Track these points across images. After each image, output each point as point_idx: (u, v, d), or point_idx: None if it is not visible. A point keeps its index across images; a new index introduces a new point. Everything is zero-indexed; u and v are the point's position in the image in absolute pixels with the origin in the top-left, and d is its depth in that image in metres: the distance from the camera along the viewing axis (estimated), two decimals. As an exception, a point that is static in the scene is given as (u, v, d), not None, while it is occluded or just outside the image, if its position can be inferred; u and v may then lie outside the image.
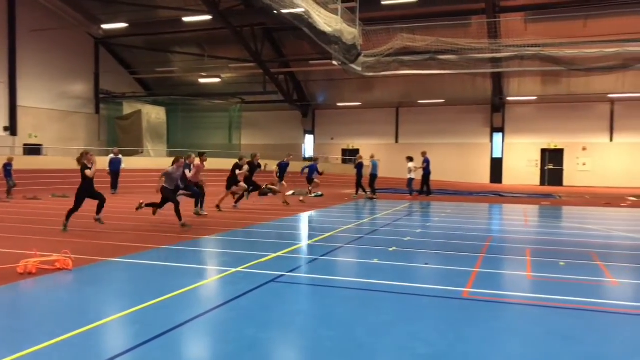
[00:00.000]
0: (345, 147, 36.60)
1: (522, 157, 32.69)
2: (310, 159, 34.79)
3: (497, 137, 33.09)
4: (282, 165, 17.03)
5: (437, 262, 7.89)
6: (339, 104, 35.44)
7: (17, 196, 18.13)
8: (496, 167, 33.14)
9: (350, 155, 33.98)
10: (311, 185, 18.60)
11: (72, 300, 5.64)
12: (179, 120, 37.36)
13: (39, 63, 29.40)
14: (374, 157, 21.43)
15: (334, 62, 19.34)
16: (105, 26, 29.17)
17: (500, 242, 10.10)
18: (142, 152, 31.76)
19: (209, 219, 12.51)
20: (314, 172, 18.22)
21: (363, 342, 4.36)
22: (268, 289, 5.99)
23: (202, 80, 34.39)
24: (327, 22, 16.01)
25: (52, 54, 30.03)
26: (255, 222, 12.23)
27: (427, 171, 21.11)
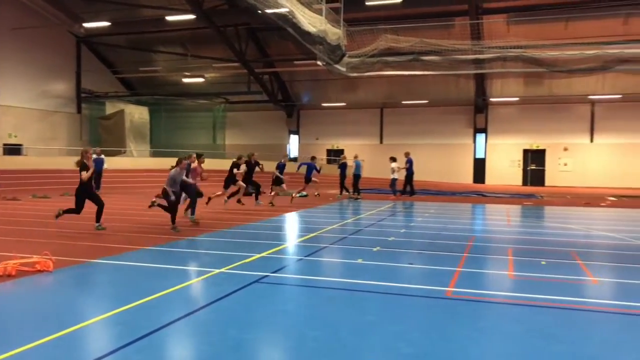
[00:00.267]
0: (330, 148, 36.66)
1: (504, 157, 33.04)
2: (293, 159, 34.83)
3: (480, 137, 33.40)
4: (281, 166, 17.11)
5: (421, 261, 7.93)
6: (323, 104, 35.48)
7: (-4, 197, 17.83)
8: (479, 167, 33.45)
9: (335, 156, 34.03)
10: (308, 185, 18.56)
11: (53, 302, 5.56)
12: (162, 120, 37.11)
13: (19, 62, 28.97)
14: (357, 158, 21.50)
15: (319, 63, 19.37)
16: (87, 25, 28.85)
17: (483, 242, 10.19)
18: (125, 152, 31.47)
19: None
20: (312, 170, 18.25)
21: (347, 342, 4.37)
22: (252, 290, 5.97)
23: (185, 80, 34.19)
24: (311, 22, 16.02)
25: (33, 53, 29.61)
26: (240, 222, 12.18)
27: (410, 171, 21.25)
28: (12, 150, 27.05)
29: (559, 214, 16.02)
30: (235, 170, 14.98)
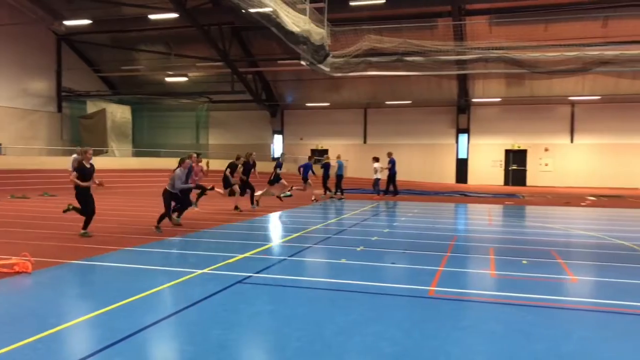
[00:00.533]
0: (314, 147, 36.64)
1: (486, 157, 33.35)
2: (277, 158, 34.73)
3: (463, 138, 33.66)
4: (279, 165, 17.10)
5: (404, 261, 7.98)
6: (307, 104, 35.46)
7: (-26, 197, 17.53)
8: (462, 167, 33.72)
9: (319, 156, 34.06)
10: (305, 184, 18.59)
11: (31, 304, 5.48)
12: (145, 120, 36.77)
13: (-2, 60, 28.49)
14: (340, 158, 21.61)
15: (303, 62, 19.32)
16: (67, 22, 28.39)
17: (465, 241, 10.29)
18: (107, 152, 31.12)
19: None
20: (308, 171, 18.33)
21: (330, 342, 4.38)
22: (235, 290, 5.95)
23: (168, 79, 33.87)
24: (295, 22, 16.00)
25: (12, 50, 29.10)
26: (223, 222, 12.12)
27: (392, 171, 21.39)
28: (-10, 149, 26.59)
29: (540, 214, 16.23)
30: (228, 171, 14.92)
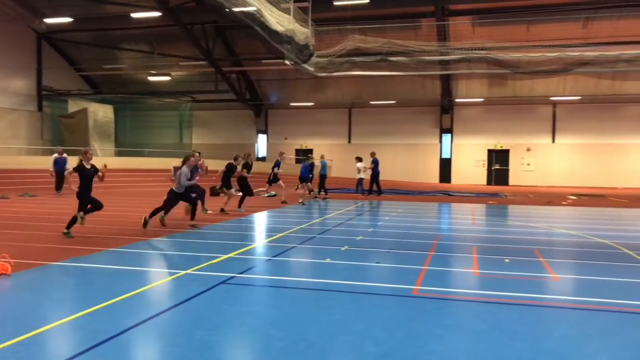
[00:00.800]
0: (299, 147, 36.63)
1: (469, 157, 33.63)
2: (261, 159, 34.63)
3: (446, 137, 33.93)
4: (278, 164, 17.07)
5: (388, 260, 8.00)
6: (292, 104, 35.43)
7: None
8: (445, 167, 33.97)
9: (304, 155, 34.04)
10: (306, 184, 18.60)
11: (10, 306, 5.38)
12: (128, 119, 36.35)
13: (-24, 57, 28.00)
14: (323, 158, 21.67)
15: (287, 62, 19.29)
16: (48, 20, 27.98)
17: (449, 240, 10.36)
18: (88, 152, 30.69)
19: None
20: (306, 170, 18.42)
21: (314, 342, 4.37)
22: (219, 291, 5.92)
23: (151, 78, 33.58)
24: (279, 21, 15.96)
25: (-10, 48, 28.65)
26: (208, 222, 12.04)
27: (375, 171, 21.52)
28: (-32, 149, 26.11)
29: (522, 213, 16.41)
30: (221, 170, 14.86)
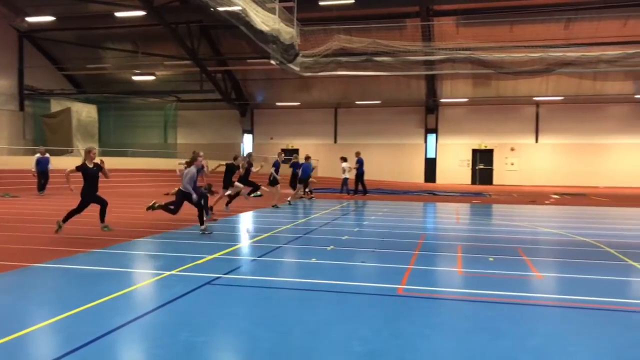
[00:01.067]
0: (285, 147, 36.55)
1: (454, 157, 33.87)
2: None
3: (431, 137, 34.13)
4: (277, 165, 16.99)
5: (374, 260, 8.03)
6: (278, 104, 35.37)
7: None
8: (430, 166, 34.17)
9: (290, 155, 34.00)
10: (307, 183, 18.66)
11: (-8, 309, 5.31)
12: (112, 119, 36.05)
13: (-45, 56, 27.52)
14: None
15: (272, 62, 19.26)
16: (30, 19, 27.61)
17: (434, 240, 10.42)
18: (72, 152, 30.40)
19: (145, 220, 12.12)
20: (308, 171, 18.47)
21: (300, 342, 4.37)
22: (203, 292, 5.89)
23: (135, 78, 33.30)
24: (264, 20, 15.93)
25: (-30, 47, 28.20)
26: (192, 223, 11.96)
27: (360, 171, 21.60)
28: (-52, 149, 25.66)
29: (506, 212, 16.57)
30: (219, 167, 14.78)
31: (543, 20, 24.76)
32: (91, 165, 9.53)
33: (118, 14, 25.71)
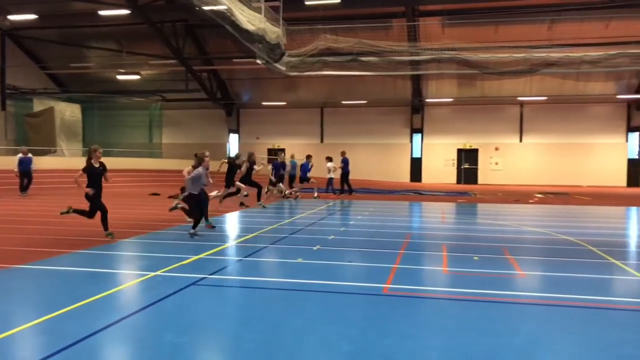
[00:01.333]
0: (271, 147, 36.50)
1: (439, 156, 34.05)
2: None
3: (417, 137, 34.29)
4: (276, 165, 16.94)
5: (359, 259, 8.05)
6: (264, 103, 35.27)
7: None
8: (416, 166, 34.32)
9: (276, 155, 33.96)
10: (308, 182, 18.61)
11: (-26, 311, 5.23)
12: (96, 119, 35.64)
13: None
14: (293, 157, 21.65)
15: (258, 61, 19.21)
16: (12, 17, 27.19)
17: (419, 239, 10.47)
18: (55, 152, 30.04)
19: (129, 221, 12.01)
20: (307, 171, 18.44)
21: (286, 342, 4.37)
22: (189, 293, 5.86)
23: (120, 77, 32.96)
24: (250, 20, 15.87)
25: (-49, 45, 27.69)
26: (178, 223, 11.90)
27: (345, 170, 21.67)
28: None
29: (491, 211, 16.71)
30: (218, 167, 14.78)
31: (527, 21, 25.00)
32: (97, 165, 9.34)
33: (102, 13, 25.42)
